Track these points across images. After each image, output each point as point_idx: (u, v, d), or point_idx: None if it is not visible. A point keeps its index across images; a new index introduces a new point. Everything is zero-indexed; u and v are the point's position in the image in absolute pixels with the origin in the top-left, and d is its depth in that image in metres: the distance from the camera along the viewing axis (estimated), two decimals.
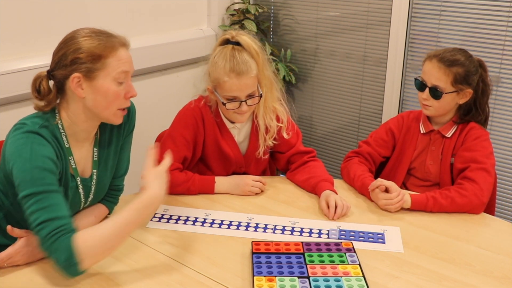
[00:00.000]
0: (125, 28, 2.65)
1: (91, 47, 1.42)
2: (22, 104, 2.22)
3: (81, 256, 1.32)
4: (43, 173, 1.37)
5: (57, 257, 1.32)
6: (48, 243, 1.33)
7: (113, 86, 1.46)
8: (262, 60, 1.86)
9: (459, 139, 1.98)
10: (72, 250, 1.31)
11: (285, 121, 2.00)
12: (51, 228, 1.32)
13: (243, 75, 1.81)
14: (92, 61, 1.42)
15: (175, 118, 1.98)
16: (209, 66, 1.88)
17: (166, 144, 1.93)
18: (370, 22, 2.85)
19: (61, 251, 1.32)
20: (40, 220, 1.33)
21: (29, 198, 1.34)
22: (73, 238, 1.33)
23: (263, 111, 1.95)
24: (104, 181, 1.64)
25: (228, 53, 1.83)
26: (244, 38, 1.85)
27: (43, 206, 1.34)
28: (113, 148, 1.64)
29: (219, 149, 1.98)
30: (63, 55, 1.44)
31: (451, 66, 1.90)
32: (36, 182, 1.35)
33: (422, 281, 1.45)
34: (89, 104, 1.47)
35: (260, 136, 1.98)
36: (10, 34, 2.19)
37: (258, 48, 1.87)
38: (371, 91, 2.97)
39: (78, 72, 1.42)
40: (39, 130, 1.42)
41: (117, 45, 1.46)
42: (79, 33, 1.46)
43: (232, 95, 1.84)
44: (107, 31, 1.49)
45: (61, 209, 1.37)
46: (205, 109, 1.96)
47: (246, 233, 1.68)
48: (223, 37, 1.89)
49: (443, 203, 1.80)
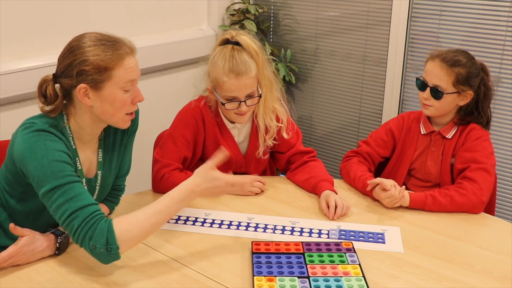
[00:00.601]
0: (126, 28, 2.66)
1: (97, 59, 1.41)
2: (22, 104, 2.22)
3: (119, 240, 1.33)
4: (62, 165, 1.38)
5: (96, 243, 1.32)
6: (84, 231, 1.33)
7: (120, 95, 1.46)
8: (261, 60, 1.86)
9: (459, 140, 1.98)
10: (111, 234, 1.33)
11: (285, 121, 2.00)
12: (84, 216, 1.34)
13: (243, 75, 1.81)
14: (98, 73, 1.42)
15: (175, 118, 1.98)
16: (209, 66, 1.88)
17: (167, 144, 1.93)
18: (370, 22, 2.85)
19: (100, 236, 1.32)
20: (71, 211, 1.34)
21: (54, 191, 1.35)
22: (111, 222, 1.34)
23: (263, 111, 1.94)
24: (108, 182, 1.65)
25: (228, 53, 1.82)
26: (243, 38, 1.85)
27: (70, 197, 1.35)
28: (117, 149, 1.64)
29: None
30: (69, 65, 1.42)
31: (453, 67, 1.90)
32: (57, 175, 1.36)
33: (422, 281, 1.45)
34: (97, 112, 1.48)
35: (260, 136, 1.98)
36: (10, 34, 2.19)
37: (258, 48, 1.86)
38: (371, 91, 2.97)
39: (85, 83, 1.42)
40: (49, 129, 1.42)
41: (123, 55, 1.45)
42: (85, 41, 1.44)
43: (231, 95, 1.84)
44: (113, 37, 1.47)
45: (88, 197, 1.38)
46: (205, 109, 1.96)
47: (246, 233, 1.68)
48: (222, 37, 1.89)
49: (442, 202, 1.81)
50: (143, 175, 2.47)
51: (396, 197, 1.80)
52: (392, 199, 1.81)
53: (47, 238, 1.48)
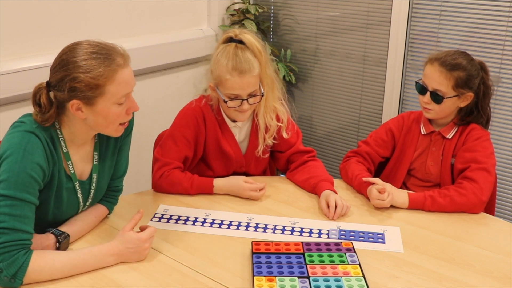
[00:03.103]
0: (126, 28, 2.67)
1: (87, 77, 1.37)
2: (22, 104, 2.22)
3: (26, 277, 1.33)
4: (29, 180, 1.36)
5: (4, 269, 1.31)
6: (1, 250, 1.31)
7: (113, 109, 1.45)
8: (264, 59, 1.86)
9: (460, 140, 1.98)
10: (23, 270, 1.32)
11: (285, 120, 2.00)
12: (12, 238, 1.32)
13: (246, 74, 1.81)
14: (90, 90, 1.39)
15: (176, 118, 1.98)
16: (212, 64, 1.87)
17: (167, 143, 1.93)
18: (370, 22, 2.85)
19: (11, 266, 1.31)
20: (6, 226, 1.31)
21: (5, 198, 1.33)
22: (28, 258, 1.33)
23: (264, 110, 1.95)
24: (102, 184, 1.64)
25: (231, 51, 1.83)
26: (247, 37, 1.85)
27: (14, 214, 1.33)
28: (111, 150, 1.63)
29: (220, 148, 1.98)
30: (61, 79, 1.39)
31: (453, 71, 1.89)
32: (19, 187, 1.34)
33: (422, 281, 1.45)
34: (90, 123, 1.47)
35: (260, 135, 1.98)
36: (10, 34, 2.19)
37: (261, 47, 1.87)
38: (371, 91, 2.97)
39: (77, 99, 1.40)
40: (35, 130, 1.41)
41: (116, 69, 1.41)
42: (76, 54, 1.39)
43: (234, 93, 1.84)
44: (106, 47, 1.43)
45: (30, 224, 1.36)
46: (206, 108, 1.96)
47: (246, 233, 1.68)
48: (226, 35, 1.89)
49: (441, 202, 1.81)
50: (143, 175, 2.47)
51: (384, 204, 1.81)
52: (380, 204, 1.82)
53: (46, 238, 1.48)
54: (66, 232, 1.52)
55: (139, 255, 1.49)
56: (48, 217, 1.51)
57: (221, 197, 1.90)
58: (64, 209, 1.54)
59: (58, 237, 1.49)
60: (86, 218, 1.62)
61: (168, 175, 1.89)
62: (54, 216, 1.53)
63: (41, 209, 1.45)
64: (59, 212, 1.53)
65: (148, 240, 1.49)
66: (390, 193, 1.81)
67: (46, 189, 1.45)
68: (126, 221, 1.53)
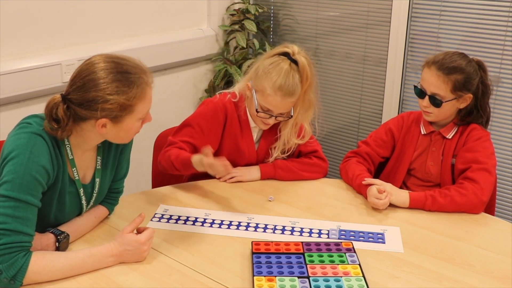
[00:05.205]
0: (126, 28, 2.67)
1: (122, 99, 1.40)
2: (22, 104, 2.22)
3: (26, 278, 1.33)
4: (34, 183, 1.36)
5: (4, 270, 1.30)
6: (1, 251, 1.31)
7: (136, 124, 1.49)
8: (309, 85, 1.88)
9: (460, 140, 1.98)
10: (23, 271, 1.32)
11: (306, 139, 2.04)
12: (12, 240, 1.32)
13: (287, 98, 1.85)
14: (121, 110, 1.42)
15: (198, 108, 2.01)
16: (260, 69, 1.88)
17: (182, 129, 1.96)
18: (370, 22, 2.85)
19: (11, 267, 1.31)
20: (7, 227, 1.31)
21: (8, 200, 1.32)
22: (28, 260, 1.33)
23: (290, 128, 1.98)
24: (104, 187, 1.64)
25: (284, 69, 1.83)
26: (302, 60, 1.85)
27: (17, 216, 1.33)
28: (113, 154, 1.64)
29: (237, 145, 2.00)
30: (91, 100, 1.39)
31: (450, 74, 1.88)
32: (23, 189, 1.34)
33: (422, 281, 1.45)
34: (107, 136, 1.49)
35: (277, 147, 2.02)
36: (10, 34, 2.19)
37: (311, 72, 1.87)
38: (371, 91, 2.97)
39: (106, 118, 1.42)
40: (42, 133, 1.40)
41: (145, 88, 1.46)
42: (102, 75, 1.39)
43: (268, 107, 1.88)
44: (133, 65, 1.45)
45: (31, 226, 1.36)
46: (230, 105, 1.98)
47: (246, 233, 1.68)
48: (283, 49, 1.88)
49: (442, 202, 1.81)
50: (143, 175, 2.47)
51: (379, 203, 1.81)
52: (376, 203, 1.82)
53: (46, 237, 1.48)
54: (66, 232, 1.52)
55: (137, 257, 1.49)
56: (50, 219, 1.51)
57: (221, 197, 1.90)
58: (66, 212, 1.54)
59: (57, 237, 1.49)
60: (86, 219, 1.62)
61: (167, 150, 1.90)
62: (56, 218, 1.53)
63: (43, 211, 1.45)
64: (61, 215, 1.53)
65: (146, 242, 1.49)
66: (388, 195, 1.81)
67: (49, 192, 1.45)
68: (126, 221, 1.53)
